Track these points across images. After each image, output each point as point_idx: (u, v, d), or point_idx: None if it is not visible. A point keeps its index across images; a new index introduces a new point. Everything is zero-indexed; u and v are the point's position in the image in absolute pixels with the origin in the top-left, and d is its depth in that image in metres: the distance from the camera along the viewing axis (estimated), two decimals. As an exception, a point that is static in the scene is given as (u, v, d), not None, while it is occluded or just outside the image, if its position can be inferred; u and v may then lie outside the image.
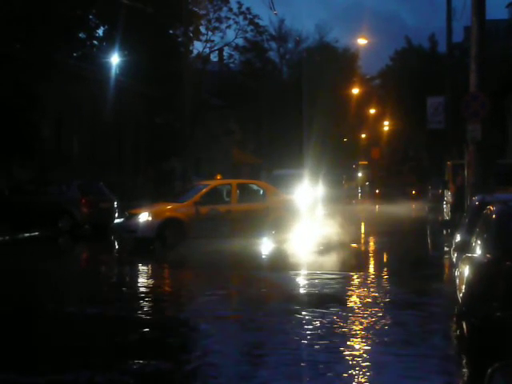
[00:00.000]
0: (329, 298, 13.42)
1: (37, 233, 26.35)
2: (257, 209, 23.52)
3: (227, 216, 22.74)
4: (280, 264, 18.60)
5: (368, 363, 9.14)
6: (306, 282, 15.99)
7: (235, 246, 21.56)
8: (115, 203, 28.59)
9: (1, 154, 28.80)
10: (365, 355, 9.48)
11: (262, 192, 24.65)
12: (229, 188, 24.01)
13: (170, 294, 15.17)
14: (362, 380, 8.50)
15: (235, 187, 23.78)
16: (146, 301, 13.92)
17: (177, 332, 11.24)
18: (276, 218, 23.60)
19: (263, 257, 21.06)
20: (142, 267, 19.17)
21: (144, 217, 22.15)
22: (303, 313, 12.08)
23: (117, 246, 24.73)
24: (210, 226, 22.28)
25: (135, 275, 18.07)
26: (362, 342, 10.28)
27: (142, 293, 14.95)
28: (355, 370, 8.77)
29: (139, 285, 16.42)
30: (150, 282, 16.97)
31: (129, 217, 22.89)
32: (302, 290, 14.82)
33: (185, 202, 22.83)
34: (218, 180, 25.81)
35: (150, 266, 19.35)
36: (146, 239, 22.09)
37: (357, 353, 9.56)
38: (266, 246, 22.66)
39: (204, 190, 23.28)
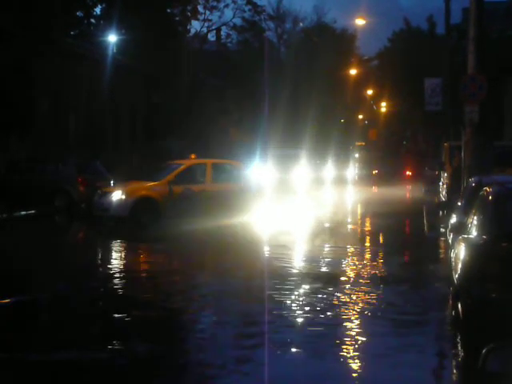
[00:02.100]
0: (319, 278, 13.47)
1: (33, 211, 26.34)
2: (232, 189, 23.28)
3: (201, 196, 22.45)
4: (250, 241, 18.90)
5: (361, 338, 9.25)
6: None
7: (207, 226, 21.41)
8: (111, 182, 28.55)
9: (-3, 131, 28.78)
10: (357, 330, 9.56)
11: (237, 172, 24.35)
12: (203, 167, 23.54)
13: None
14: (354, 353, 8.57)
15: (210, 167, 23.42)
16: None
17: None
18: (250, 198, 23.49)
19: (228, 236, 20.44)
20: (110, 246, 18.93)
21: (117, 195, 21.79)
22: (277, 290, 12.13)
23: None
24: (185, 205, 22.03)
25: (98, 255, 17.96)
26: (355, 318, 10.34)
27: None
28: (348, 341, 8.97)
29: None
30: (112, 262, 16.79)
31: (102, 195, 22.39)
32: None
33: (159, 181, 22.44)
34: (193, 159, 25.39)
35: (118, 245, 19.22)
36: (119, 218, 21.78)
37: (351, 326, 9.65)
38: (236, 226, 22.19)
39: (178, 170, 22.89)
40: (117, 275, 14.32)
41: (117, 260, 17.13)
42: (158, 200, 21.89)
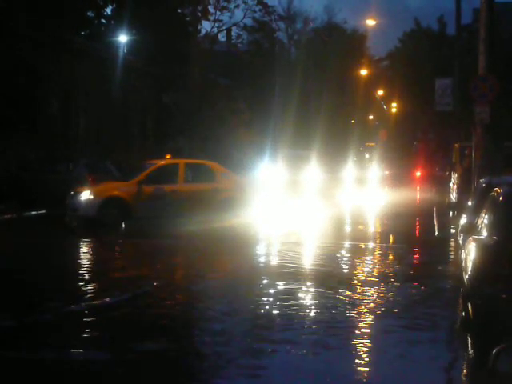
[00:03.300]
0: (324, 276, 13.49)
1: (44, 211, 26.39)
2: (204, 189, 22.87)
3: (173, 196, 22.22)
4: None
5: (370, 336, 9.27)
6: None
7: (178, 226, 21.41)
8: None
9: (8, 131, 28.86)
10: (367, 329, 9.58)
11: (211, 172, 23.72)
12: (176, 167, 23.15)
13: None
14: (363, 354, 8.60)
15: (183, 167, 23.08)
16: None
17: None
18: (225, 199, 22.91)
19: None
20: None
21: (85, 195, 21.73)
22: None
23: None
24: (155, 205, 21.85)
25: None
26: (365, 316, 10.36)
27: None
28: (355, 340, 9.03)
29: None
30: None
31: (73, 195, 22.28)
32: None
33: (129, 181, 22.34)
34: (166, 159, 25.21)
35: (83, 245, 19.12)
36: (87, 218, 21.67)
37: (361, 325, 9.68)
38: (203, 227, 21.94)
39: (149, 169, 22.67)
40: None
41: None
42: (127, 200, 21.71)
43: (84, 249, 18.58)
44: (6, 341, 9.32)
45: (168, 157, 26.28)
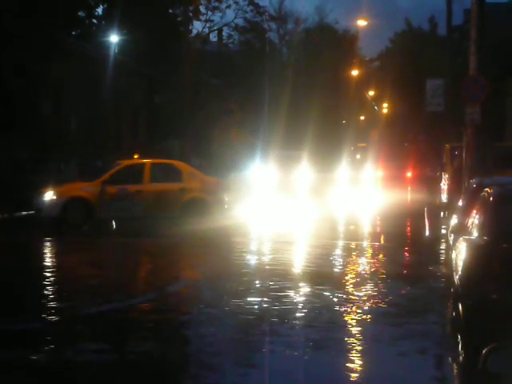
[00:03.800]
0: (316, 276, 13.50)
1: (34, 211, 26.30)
2: (170, 189, 22.47)
3: (137, 196, 21.95)
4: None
5: (360, 336, 9.29)
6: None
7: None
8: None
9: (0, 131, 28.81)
10: (356, 330, 9.60)
11: (178, 172, 23.16)
12: (142, 168, 22.83)
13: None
14: (355, 354, 8.61)
15: (149, 167, 22.68)
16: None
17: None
18: (192, 199, 22.41)
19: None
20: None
21: (48, 196, 21.69)
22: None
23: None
24: (120, 206, 21.68)
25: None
26: (354, 316, 10.38)
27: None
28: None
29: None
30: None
31: (38, 195, 22.21)
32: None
33: (93, 181, 22.20)
34: (132, 159, 25.05)
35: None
36: (50, 218, 21.68)
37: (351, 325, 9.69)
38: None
39: (113, 170, 22.56)
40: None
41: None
42: (90, 200, 21.60)
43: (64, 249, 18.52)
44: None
45: (136, 157, 26.04)
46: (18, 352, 8.81)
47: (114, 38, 39.35)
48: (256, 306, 11.19)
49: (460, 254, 9.87)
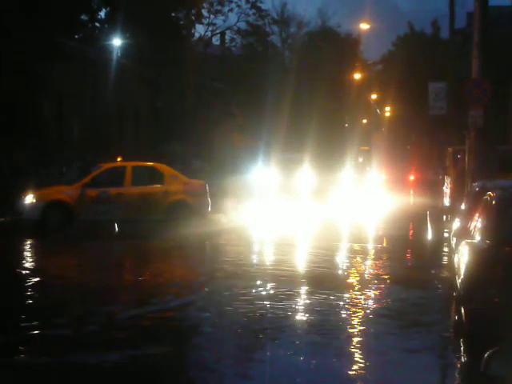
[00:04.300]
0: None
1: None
2: (152, 192, 22.44)
3: (118, 199, 21.89)
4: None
5: (362, 339, 9.26)
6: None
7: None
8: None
9: (1, 134, 28.80)
10: (359, 332, 9.57)
11: (160, 175, 23.06)
12: (123, 170, 22.68)
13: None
14: (356, 356, 8.58)
15: (130, 170, 22.56)
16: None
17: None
18: (174, 202, 22.35)
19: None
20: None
21: (29, 199, 21.72)
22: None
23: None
24: (100, 209, 21.63)
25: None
26: (357, 319, 10.35)
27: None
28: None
29: None
30: None
31: (20, 199, 22.20)
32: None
33: (74, 184, 22.21)
34: (114, 162, 25.00)
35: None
36: (31, 221, 21.70)
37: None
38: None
39: (94, 173, 22.58)
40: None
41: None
42: (70, 203, 21.58)
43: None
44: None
45: (119, 159, 25.97)
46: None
47: (116, 42, 39.37)
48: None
49: (462, 258, 9.84)
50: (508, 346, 4.57)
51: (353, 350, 9.09)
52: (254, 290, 12.70)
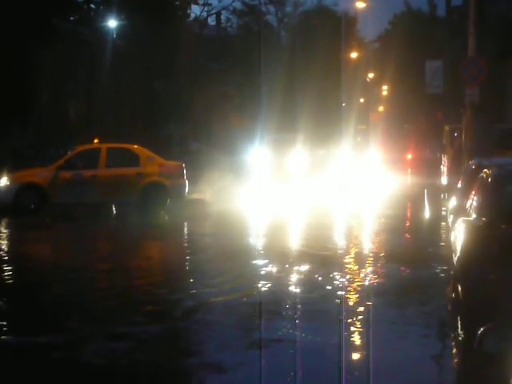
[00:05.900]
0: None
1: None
2: (127, 174, 22.22)
3: (93, 181, 21.75)
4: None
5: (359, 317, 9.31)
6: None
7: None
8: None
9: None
10: (357, 310, 9.61)
11: (135, 157, 22.76)
12: (97, 152, 22.52)
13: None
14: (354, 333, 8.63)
15: (104, 152, 22.37)
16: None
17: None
18: (149, 184, 22.14)
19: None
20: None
21: (2, 182, 21.64)
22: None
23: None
24: (74, 191, 21.43)
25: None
26: (353, 297, 10.40)
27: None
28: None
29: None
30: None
31: None
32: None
33: (48, 167, 22.05)
34: (88, 144, 24.93)
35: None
36: (4, 204, 21.46)
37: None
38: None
39: (69, 155, 22.55)
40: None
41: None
42: (43, 186, 21.48)
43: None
44: None
45: (96, 141, 25.82)
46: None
47: (112, 23, 39.24)
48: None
49: (459, 236, 9.86)
50: (501, 322, 4.59)
51: (349, 325, 9.12)
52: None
